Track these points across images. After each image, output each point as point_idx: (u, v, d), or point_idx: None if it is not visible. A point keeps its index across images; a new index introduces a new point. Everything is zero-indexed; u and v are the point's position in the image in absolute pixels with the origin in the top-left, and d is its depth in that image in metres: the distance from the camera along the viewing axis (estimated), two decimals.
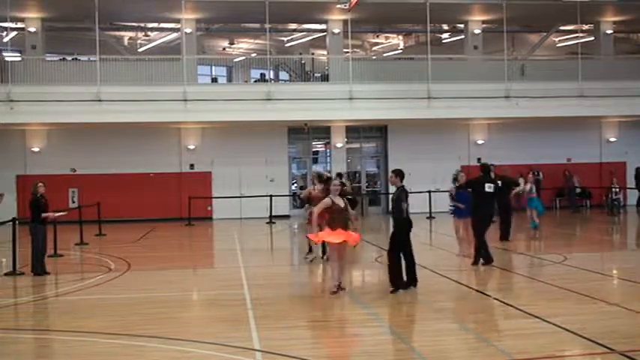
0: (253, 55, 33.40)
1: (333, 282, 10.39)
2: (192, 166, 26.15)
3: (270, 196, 24.32)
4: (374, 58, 32.22)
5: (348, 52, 26.52)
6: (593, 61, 27.40)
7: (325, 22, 26.77)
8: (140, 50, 32.05)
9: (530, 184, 17.91)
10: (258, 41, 34.36)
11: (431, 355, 7.09)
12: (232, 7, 25.04)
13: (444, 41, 33.60)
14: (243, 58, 33.21)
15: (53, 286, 12.10)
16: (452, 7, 25.55)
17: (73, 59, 27.23)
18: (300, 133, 26.60)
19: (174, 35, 31.08)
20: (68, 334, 8.25)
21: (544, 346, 7.23)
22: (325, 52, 28.34)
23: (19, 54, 26.74)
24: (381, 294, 10.41)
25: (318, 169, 26.34)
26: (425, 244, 17.23)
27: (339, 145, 27.15)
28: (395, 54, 34.96)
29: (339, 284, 10.33)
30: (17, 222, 13.95)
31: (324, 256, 13.58)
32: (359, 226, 10.95)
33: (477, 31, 27.29)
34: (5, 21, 24.59)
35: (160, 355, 7.33)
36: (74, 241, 18.05)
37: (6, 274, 12.93)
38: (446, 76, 24.59)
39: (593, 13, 26.56)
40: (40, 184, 13.37)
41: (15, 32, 26.79)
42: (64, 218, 15.08)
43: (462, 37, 29.01)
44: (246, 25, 31.66)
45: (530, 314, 8.65)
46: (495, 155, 23.51)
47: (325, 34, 27.54)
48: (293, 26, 31.74)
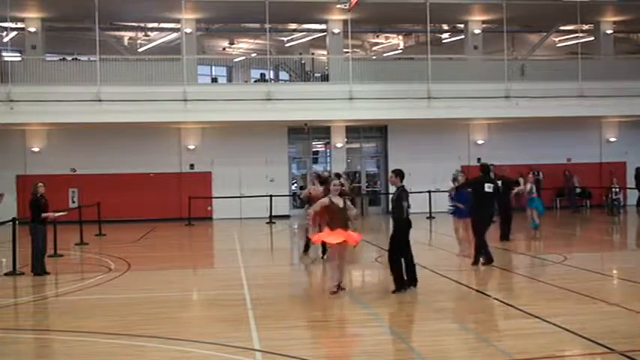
0: (253, 55, 33.40)
1: (332, 282, 10.39)
2: (192, 166, 26.15)
3: (270, 196, 24.32)
4: (374, 58, 32.22)
5: (348, 52, 26.51)
6: (593, 61, 27.39)
7: (325, 22, 26.76)
8: (140, 50, 32.05)
9: (530, 184, 17.91)
10: (258, 41, 34.36)
11: (431, 355, 7.10)
12: (232, 7, 25.04)
13: (444, 41, 33.59)
14: (243, 58, 33.22)
15: (53, 286, 12.10)
16: (452, 7, 25.55)
17: (73, 59, 27.23)
18: (300, 133, 26.61)
19: (174, 35, 31.08)
20: (68, 334, 8.26)
21: (544, 346, 7.23)
22: (325, 52, 28.34)
23: (19, 54, 26.75)
24: (381, 294, 10.41)
25: (317, 169, 26.32)
26: (425, 244, 17.23)
27: (339, 145, 27.15)
28: (395, 54, 34.96)
29: (338, 284, 10.33)
30: (17, 222, 13.95)
31: (324, 256, 13.60)
32: (359, 225, 10.92)
33: (477, 31, 27.29)
34: (5, 21, 24.58)
35: (160, 355, 7.33)
36: (74, 241, 18.06)
37: (6, 274, 12.93)
38: (446, 76, 24.59)
39: (593, 13, 26.56)
40: (40, 184, 13.37)
41: (15, 32, 26.78)
42: (64, 218, 15.08)
43: (462, 37, 29.01)
44: (246, 25, 31.66)
45: (530, 314, 8.66)
46: (495, 155, 23.52)
47: (325, 34, 27.53)
48: (293, 26, 31.74)
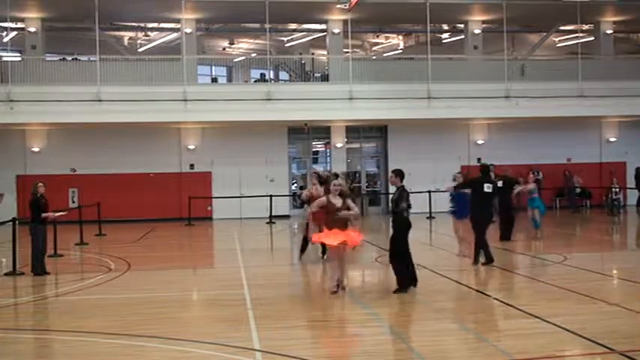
0: (253, 55, 33.39)
1: (332, 282, 10.38)
2: (192, 166, 26.15)
3: (270, 196, 24.32)
4: (374, 58, 32.21)
5: (348, 52, 26.51)
6: (593, 61, 27.39)
7: (325, 22, 26.76)
8: (140, 50, 32.04)
9: (532, 184, 17.89)
10: (258, 41, 34.36)
11: (431, 355, 7.09)
12: (232, 7, 25.04)
13: (444, 41, 33.59)
14: (243, 58, 33.21)
15: (53, 286, 12.09)
16: (452, 7, 25.55)
17: (73, 59, 27.23)
18: (300, 133, 26.61)
19: (174, 35, 31.08)
20: (68, 334, 8.25)
21: (544, 346, 7.23)
22: (325, 52, 28.34)
23: (19, 54, 26.74)
24: (381, 294, 10.41)
25: (317, 168, 26.31)
26: (425, 244, 17.23)
27: (339, 145, 27.15)
28: (395, 54, 34.95)
29: (338, 284, 10.32)
30: (17, 222, 13.95)
31: (324, 256, 13.60)
32: (358, 225, 10.87)
33: (477, 31, 27.28)
34: (5, 21, 24.58)
35: (160, 355, 7.33)
36: (74, 241, 18.05)
37: (6, 274, 12.92)
38: (446, 76, 24.59)
39: (593, 13, 26.55)
40: (40, 184, 13.37)
41: (15, 32, 26.78)
42: (64, 218, 15.07)
43: (462, 37, 29.00)
44: (246, 25, 31.66)
45: (530, 314, 8.65)
46: (495, 155, 23.52)
47: (325, 34, 27.53)
48: (293, 26, 31.74)
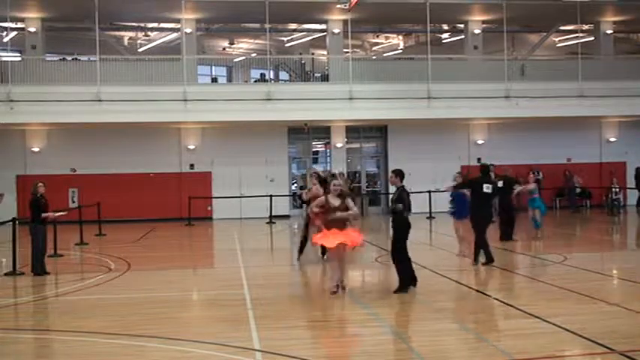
0: (253, 55, 33.39)
1: (332, 282, 10.38)
2: (192, 166, 26.15)
3: (270, 196, 24.31)
4: (374, 58, 32.21)
5: (348, 52, 26.51)
6: (593, 61, 27.39)
7: (325, 22, 26.76)
8: (140, 50, 32.04)
9: (533, 184, 17.88)
10: (258, 41, 34.35)
11: (431, 355, 7.09)
12: (232, 7, 25.03)
13: (444, 41, 33.58)
14: (243, 58, 33.21)
15: (53, 286, 12.10)
16: (452, 7, 25.54)
17: (73, 59, 27.23)
18: (300, 133, 26.61)
19: (174, 35, 31.07)
20: (68, 334, 8.25)
21: (544, 346, 7.23)
22: (325, 52, 28.34)
23: (19, 54, 26.74)
24: (381, 294, 10.41)
25: (317, 168, 26.29)
26: (425, 244, 17.23)
27: (339, 145, 27.15)
28: (395, 54, 34.95)
29: (338, 284, 10.32)
30: (17, 222, 13.95)
31: (324, 256, 13.59)
32: (358, 224, 10.87)
33: (477, 31, 27.28)
34: (5, 21, 24.58)
35: (160, 355, 7.33)
36: (74, 241, 18.05)
37: (6, 274, 12.92)
38: (446, 76, 24.59)
39: (593, 13, 26.55)
40: (40, 184, 13.37)
41: (15, 32, 26.78)
42: (64, 218, 15.08)
43: (462, 37, 29.00)
44: (246, 25, 31.65)
45: (530, 314, 8.65)
46: (495, 155, 23.54)
47: (325, 34, 27.53)
48: (293, 26, 31.73)
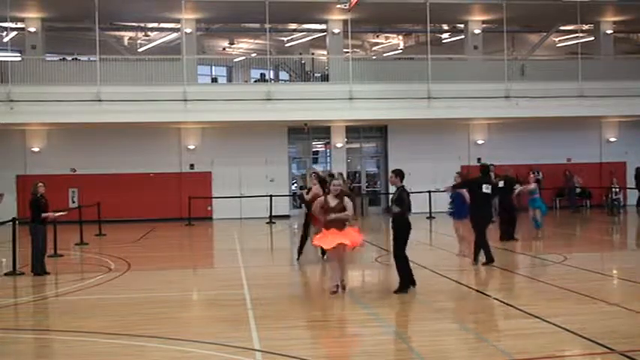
0: (253, 55, 33.39)
1: (332, 282, 10.38)
2: (192, 166, 26.15)
3: (270, 196, 24.31)
4: (374, 58, 32.21)
5: (348, 52, 26.51)
6: (593, 61, 27.39)
7: (325, 22, 26.76)
8: (140, 50, 32.03)
9: (533, 184, 17.87)
10: (258, 41, 34.36)
11: (431, 355, 7.09)
12: (232, 7, 25.03)
13: (444, 41, 33.58)
14: (243, 58, 33.21)
15: (53, 286, 12.10)
16: (452, 7, 25.54)
17: (73, 59, 27.23)
18: (300, 133, 26.61)
19: (174, 35, 31.07)
20: (68, 334, 8.25)
21: (544, 346, 7.23)
22: (325, 52, 28.33)
23: (19, 54, 26.74)
24: (381, 294, 10.41)
25: (317, 168, 26.30)
26: (425, 244, 17.21)
27: (339, 145, 27.15)
28: (395, 54, 34.95)
29: (338, 284, 10.31)
30: (17, 222, 13.95)
31: (324, 256, 13.59)
32: (358, 224, 10.86)
33: (477, 31, 27.28)
34: (5, 21, 24.58)
35: (160, 355, 7.33)
36: (74, 241, 18.05)
37: (6, 274, 12.93)
38: (446, 76, 24.59)
39: (593, 13, 26.55)
40: (40, 184, 13.37)
41: (15, 32, 26.78)
42: (64, 218, 15.08)
43: (462, 37, 29.00)
44: (246, 25, 31.65)
45: (530, 314, 8.65)
46: (495, 155, 23.54)
47: (325, 34, 27.53)
48: (293, 26, 31.73)
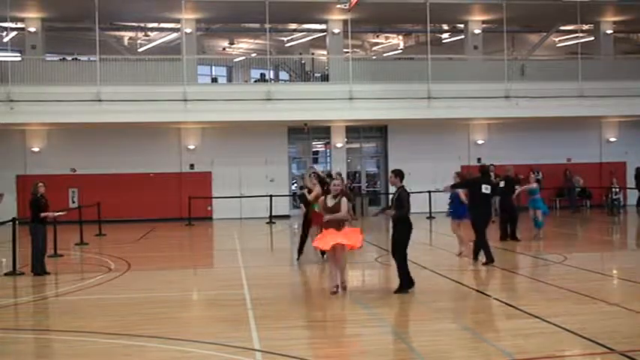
0: (253, 55, 33.40)
1: (332, 282, 10.38)
2: (192, 166, 26.15)
3: (270, 196, 24.31)
4: (374, 58, 32.20)
5: (348, 52, 26.51)
6: (593, 61, 27.39)
7: (325, 22, 26.76)
8: (140, 50, 32.04)
9: (534, 184, 17.86)
10: (258, 41, 34.36)
11: (431, 355, 7.09)
12: (232, 7, 25.04)
13: (444, 41, 33.58)
14: (243, 58, 33.22)
15: (53, 286, 12.10)
16: (452, 7, 25.54)
17: (73, 59, 27.23)
18: (300, 133, 26.61)
19: (174, 35, 31.07)
20: (68, 334, 8.26)
21: (544, 346, 7.23)
22: (325, 52, 28.34)
23: (19, 54, 26.74)
24: (381, 294, 10.41)
25: (316, 168, 26.22)
26: (425, 244, 17.22)
27: (339, 145, 27.15)
28: (395, 54, 34.95)
29: (338, 284, 10.31)
30: (17, 222, 13.95)
31: (324, 256, 13.59)
32: (355, 224, 10.85)
33: (477, 31, 27.28)
34: (5, 21, 24.58)
35: (160, 355, 7.33)
36: (74, 241, 18.05)
37: (6, 274, 12.93)
38: (446, 76, 24.59)
39: (593, 13, 26.55)
40: (40, 184, 13.37)
41: (15, 32, 26.78)
42: (64, 218, 15.07)
43: (462, 37, 29.00)
44: (246, 25, 31.65)
45: (530, 314, 8.65)
46: (495, 155, 23.56)
47: (325, 34, 27.53)
48: (293, 26, 31.73)
